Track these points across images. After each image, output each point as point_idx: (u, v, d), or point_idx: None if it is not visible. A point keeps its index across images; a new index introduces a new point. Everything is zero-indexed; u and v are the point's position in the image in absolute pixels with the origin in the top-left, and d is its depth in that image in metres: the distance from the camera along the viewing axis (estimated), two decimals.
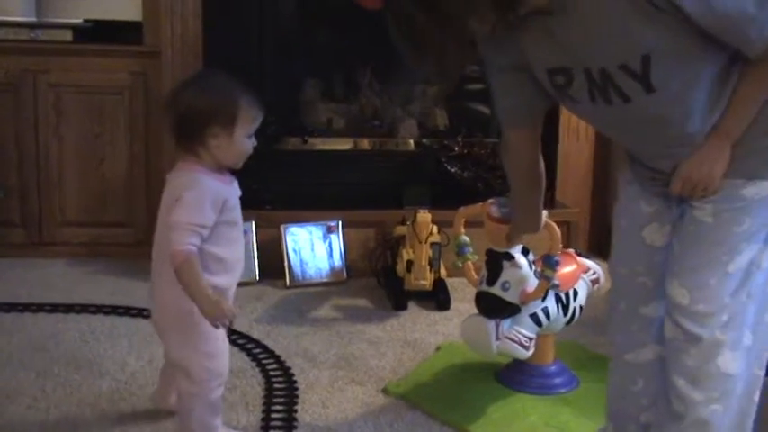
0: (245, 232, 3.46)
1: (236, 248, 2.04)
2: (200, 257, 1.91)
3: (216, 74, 2.05)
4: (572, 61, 1.60)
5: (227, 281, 2.01)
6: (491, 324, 2.27)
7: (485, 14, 1.52)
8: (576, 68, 1.61)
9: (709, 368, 1.66)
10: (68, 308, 3.08)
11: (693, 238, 1.67)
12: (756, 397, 1.73)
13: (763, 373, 1.73)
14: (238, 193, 2.05)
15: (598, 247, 3.97)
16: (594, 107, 1.64)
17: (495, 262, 2.29)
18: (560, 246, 2.26)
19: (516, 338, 2.27)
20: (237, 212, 2.02)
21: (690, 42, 1.52)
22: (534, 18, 1.58)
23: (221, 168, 1.99)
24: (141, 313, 3.03)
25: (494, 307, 2.28)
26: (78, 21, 3.64)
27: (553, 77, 1.66)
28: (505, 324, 2.29)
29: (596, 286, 2.57)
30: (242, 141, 1.97)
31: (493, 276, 2.28)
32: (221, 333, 2.02)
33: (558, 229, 2.23)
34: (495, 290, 2.27)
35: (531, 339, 2.30)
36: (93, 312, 3.05)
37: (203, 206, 1.91)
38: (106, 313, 3.04)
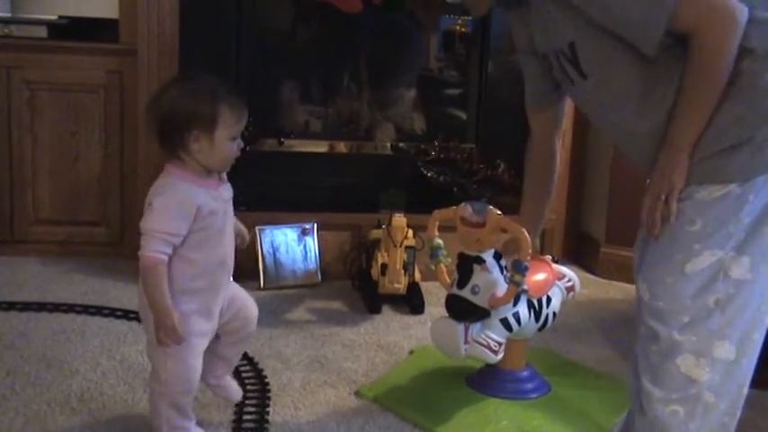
0: None
1: (214, 253, 1.99)
2: (179, 265, 1.91)
3: (196, 76, 1.99)
4: (545, 45, 1.94)
5: (206, 282, 1.98)
6: (460, 327, 2.27)
7: None
8: (548, 52, 1.94)
9: (668, 367, 1.70)
10: (40, 306, 3.05)
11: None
12: (739, 413, 1.76)
13: (746, 390, 1.75)
14: (228, 194, 2.03)
15: (574, 255, 4.00)
16: (568, 88, 1.95)
17: (466, 265, 2.29)
18: (530, 251, 2.26)
19: (485, 343, 2.28)
20: (218, 218, 1.97)
21: (605, 34, 1.72)
22: (527, 6, 1.92)
23: (209, 172, 1.96)
24: (113, 313, 3.02)
25: (463, 310, 2.28)
26: (53, 17, 3.61)
27: (548, 59, 1.96)
28: (475, 328, 2.29)
29: (571, 294, 2.58)
30: (224, 144, 1.92)
31: (463, 280, 2.29)
32: (197, 342, 2.00)
33: (527, 235, 2.24)
34: (465, 293, 2.28)
35: (500, 344, 2.30)
36: (65, 312, 3.03)
37: (171, 214, 1.88)
38: (78, 313, 3.02)
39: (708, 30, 1.62)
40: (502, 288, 2.28)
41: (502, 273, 2.30)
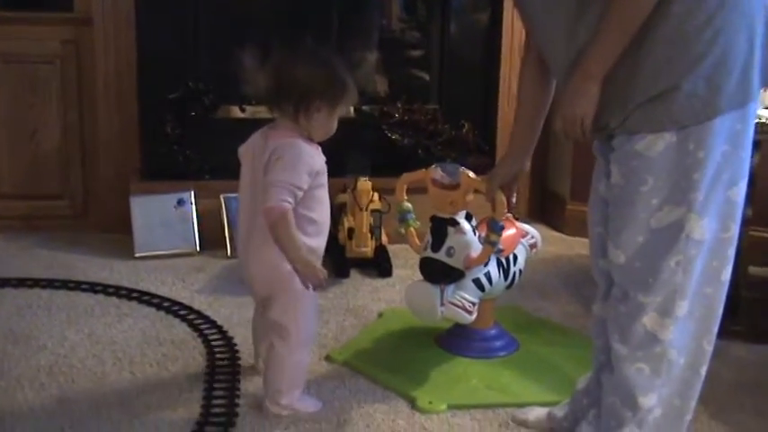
0: (185, 203, 3.44)
1: (326, 210, 2.14)
2: (296, 220, 2.01)
3: (325, 51, 2.15)
4: None
5: (319, 242, 2.11)
6: (436, 290, 2.29)
7: None
8: None
9: (635, 327, 1.73)
10: (4, 282, 3.02)
11: (613, 201, 1.76)
12: (703, 370, 1.79)
13: (711, 347, 1.78)
14: (324, 159, 2.13)
15: (539, 213, 4.02)
16: None
17: (440, 228, 2.30)
18: (505, 211, 2.26)
19: (460, 304, 2.29)
20: (325, 176, 2.11)
21: None
22: None
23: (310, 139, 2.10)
24: (79, 287, 2.99)
25: (439, 273, 2.29)
26: None
27: None
28: (449, 290, 2.31)
29: (534, 251, 2.60)
30: (336, 118, 2.11)
31: (438, 242, 2.29)
32: (315, 295, 2.13)
33: (502, 195, 2.24)
34: (440, 256, 2.28)
35: (474, 304, 2.32)
36: (30, 286, 3.00)
37: (298, 168, 2.01)
38: (43, 287, 2.99)
39: None
40: (476, 249, 2.29)
41: (474, 233, 2.31)
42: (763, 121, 2.53)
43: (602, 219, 1.83)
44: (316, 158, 2.06)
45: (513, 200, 2.22)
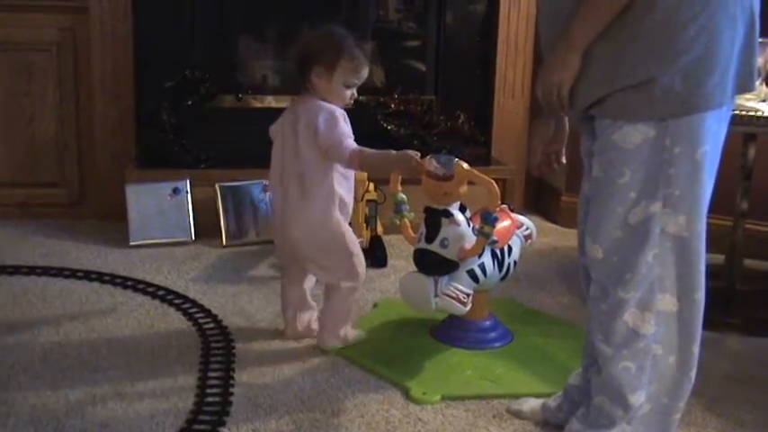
0: (180, 191, 3.43)
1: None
2: (333, 176, 2.30)
3: (336, 29, 2.36)
4: None
5: (351, 196, 2.38)
6: (430, 281, 2.29)
7: None
8: None
9: (617, 325, 1.74)
10: (0, 269, 3.02)
11: (594, 195, 1.76)
12: (693, 374, 1.79)
13: (698, 351, 1.78)
14: None
15: (534, 204, 4.03)
16: None
17: (434, 219, 2.29)
18: (499, 202, 2.27)
19: (454, 295, 2.30)
20: None
21: None
22: None
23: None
24: (75, 275, 2.99)
25: (433, 264, 2.29)
26: None
27: None
28: (443, 281, 2.31)
29: (529, 242, 2.60)
30: (339, 87, 2.30)
31: (432, 233, 2.29)
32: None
33: (496, 186, 2.25)
34: (434, 247, 2.28)
35: (468, 295, 2.32)
36: (26, 274, 3.00)
37: (339, 121, 2.27)
38: (38, 275, 3.00)
39: None
40: (470, 240, 2.30)
41: (468, 225, 2.32)
42: (760, 114, 2.53)
43: (585, 216, 1.84)
44: (341, 110, 2.30)
45: (563, 159, 2.14)
